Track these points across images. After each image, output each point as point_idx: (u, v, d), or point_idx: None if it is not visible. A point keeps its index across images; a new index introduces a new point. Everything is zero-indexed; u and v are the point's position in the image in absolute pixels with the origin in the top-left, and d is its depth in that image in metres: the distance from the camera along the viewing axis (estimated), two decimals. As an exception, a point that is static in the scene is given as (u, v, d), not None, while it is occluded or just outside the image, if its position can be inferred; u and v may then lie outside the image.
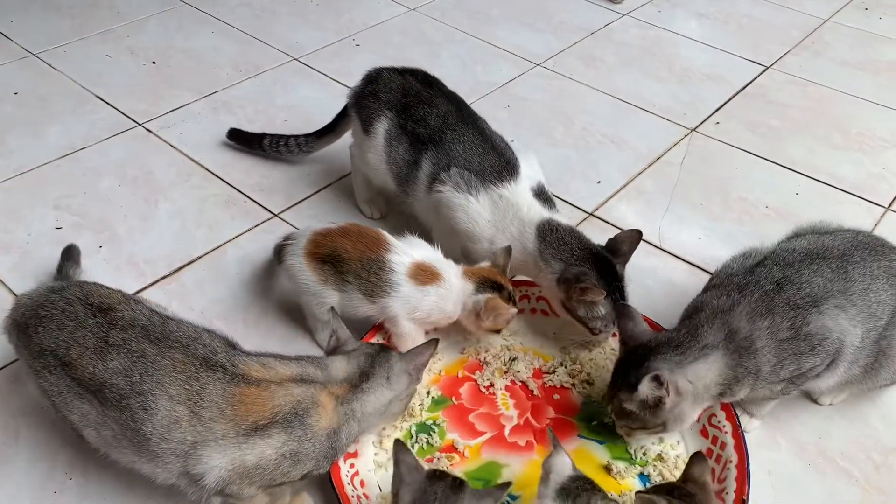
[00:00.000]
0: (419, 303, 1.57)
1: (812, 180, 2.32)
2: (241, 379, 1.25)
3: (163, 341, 1.28)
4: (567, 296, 1.63)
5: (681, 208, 2.19)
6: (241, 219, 2.05)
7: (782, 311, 1.42)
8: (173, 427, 1.22)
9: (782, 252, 1.54)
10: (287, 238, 1.67)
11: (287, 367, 1.31)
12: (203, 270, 1.89)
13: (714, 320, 1.43)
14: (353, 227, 1.62)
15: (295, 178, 2.20)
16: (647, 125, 2.53)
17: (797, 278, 1.46)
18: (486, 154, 1.77)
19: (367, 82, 1.95)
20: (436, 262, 1.61)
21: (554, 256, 1.65)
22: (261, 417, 1.23)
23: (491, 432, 1.56)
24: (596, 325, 1.64)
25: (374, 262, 1.57)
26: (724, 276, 1.54)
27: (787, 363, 1.42)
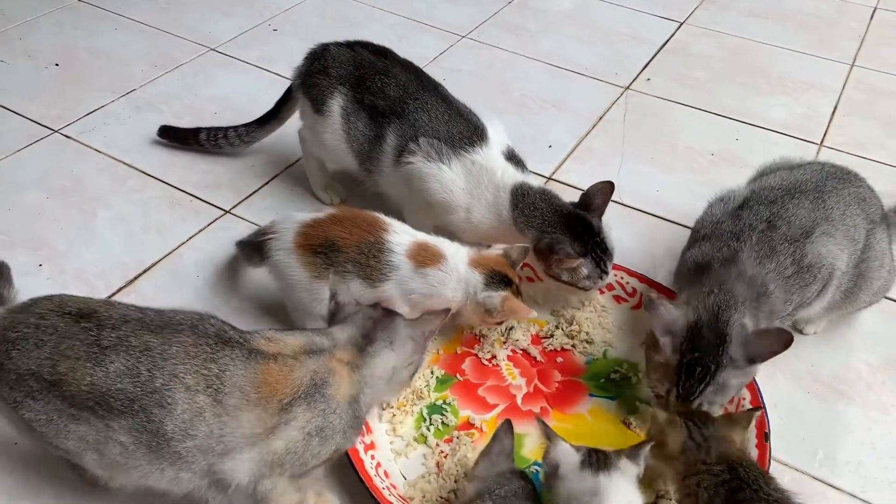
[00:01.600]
0: (416, 285, 1.49)
1: (747, 125, 2.40)
2: (258, 355, 1.15)
3: (166, 328, 1.15)
4: (547, 265, 1.61)
5: (633, 164, 2.21)
6: (192, 219, 1.91)
7: (782, 249, 1.45)
8: (196, 420, 1.10)
9: (761, 191, 1.56)
10: (265, 232, 1.55)
11: (294, 337, 1.21)
12: (161, 277, 1.75)
13: (730, 272, 1.42)
14: (345, 213, 1.53)
15: (239, 171, 2.07)
16: (582, 87, 2.54)
17: (784, 213, 1.49)
18: (453, 121, 1.71)
19: (312, 59, 1.85)
20: (439, 244, 1.54)
21: (527, 224, 1.62)
22: (284, 395, 1.13)
23: (503, 404, 1.52)
24: (585, 285, 1.62)
25: (373, 245, 1.48)
26: (710, 224, 1.55)
27: (794, 297, 1.45)
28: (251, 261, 1.61)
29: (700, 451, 1.19)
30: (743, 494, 1.12)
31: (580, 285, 1.61)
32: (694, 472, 1.18)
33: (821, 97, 2.55)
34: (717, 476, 1.15)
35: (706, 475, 1.16)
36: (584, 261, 1.58)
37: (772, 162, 1.77)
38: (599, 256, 1.60)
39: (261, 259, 1.56)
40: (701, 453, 1.19)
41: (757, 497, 1.11)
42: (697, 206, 2.03)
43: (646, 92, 2.53)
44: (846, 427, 1.53)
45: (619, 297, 1.72)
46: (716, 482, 1.14)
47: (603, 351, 1.63)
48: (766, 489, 1.12)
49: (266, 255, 1.54)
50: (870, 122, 2.43)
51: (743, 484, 1.13)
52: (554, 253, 1.56)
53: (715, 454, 1.18)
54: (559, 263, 1.57)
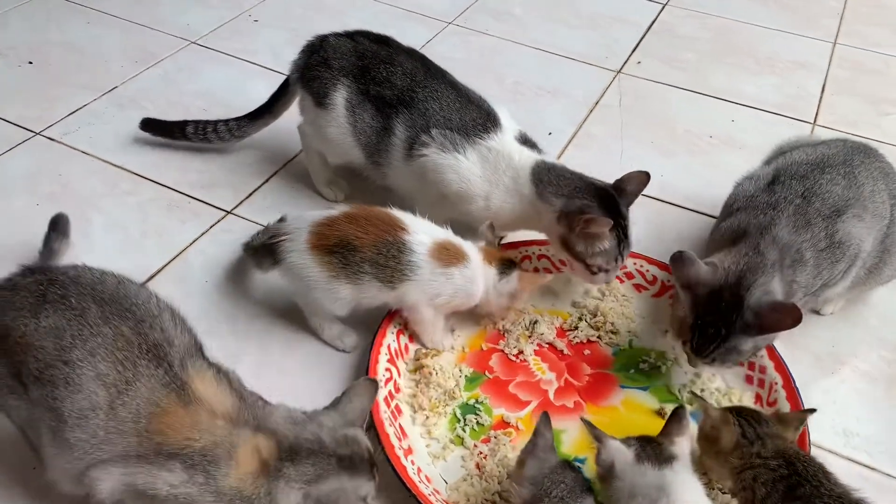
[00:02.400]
0: (442, 286, 1.45)
1: (741, 106, 2.40)
2: (178, 389, 1.08)
3: (111, 305, 1.11)
4: (569, 229, 1.54)
5: (634, 148, 2.20)
6: (192, 221, 1.83)
7: (817, 222, 1.45)
8: (90, 414, 1.04)
9: (791, 166, 1.56)
10: (276, 234, 1.49)
11: (232, 397, 1.12)
12: (168, 284, 1.67)
13: (765, 237, 1.42)
14: (360, 211, 1.47)
15: (235, 169, 1.99)
16: (574, 72, 2.51)
17: (818, 189, 1.49)
18: (465, 108, 1.67)
19: (311, 52, 1.78)
20: (458, 242, 1.50)
21: (555, 193, 1.57)
22: (169, 445, 1.05)
23: (536, 400, 1.49)
24: (595, 262, 1.56)
25: (392, 246, 1.43)
26: (743, 198, 1.54)
27: (824, 273, 1.45)
28: (262, 265, 1.55)
29: (754, 446, 1.18)
30: (802, 490, 1.11)
31: (591, 262, 1.55)
32: (749, 466, 1.16)
33: (808, 76, 2.56)
34: (774, 471, 1.13)
35: (762, 469, 1.14)
36: (609, 235, 1.54)
37: (786, 141, 1.77)
38: (621, 238, 1.57)
39: (273, 262, 1.50)
40: (755, 447, 1.17)
41: (818, 493, 1.09)
42: (703, 189, 2.06)
43: (638, 75, 2.51)
44: (874, 406, 1.54)
45: (639, 285, 1.71)
46: (773, 477, 1.12)
47: (629, 341, 1.61)
48: (826, 484, 1.11)
49: (279, 257, 1.48)
50: (858, 99, 2.45)
51: (802, 480, 1.11)
52: (582, 213, 1.51)
53: (772, 449, 1.17)
54: (586, 225, 1.50)
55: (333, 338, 1.56)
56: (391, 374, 1.47)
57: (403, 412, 1.44)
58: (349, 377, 1.52)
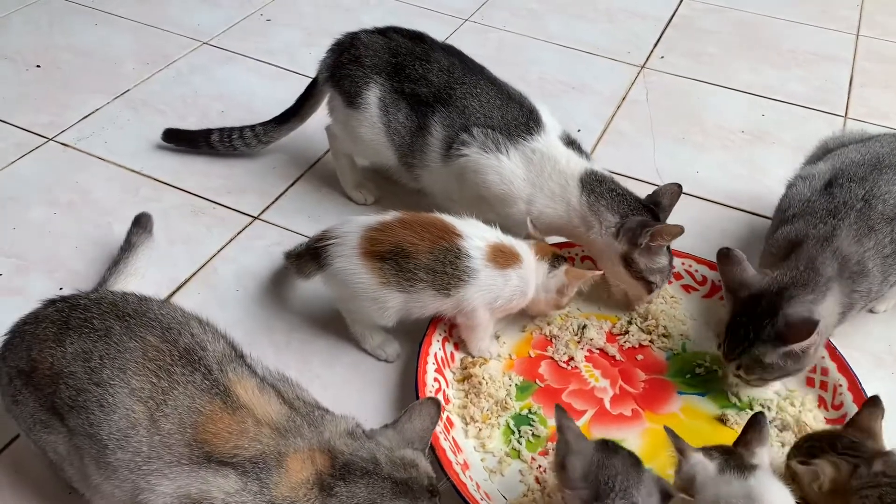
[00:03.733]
0: (501, 290, 1.39)
1: (771, 100, 2.34)
2: (222, 394, 1.02)
3: (134, 318, 1.06)
4: (633, 246, 1.50)
5: (667, 144, 2.14)
6: (219, 228, 1.75)
7: (881, 227, 1.39)
8: (130, 432, 0.99)
9: (848, 167, 1.50)
10: (322, 238, 1.42)
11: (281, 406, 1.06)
12: (198, 294, 1.60)
13: (824, 250, 1.36)
14: (412, 217, 1.41)
15: (260, 173, 1.92)
16: (598, 67, 2.45)
17: (878, 191, 1.43)
18: (506, 106, 1.60)
19: (341, 50, 1.71)
20: (511, 242, 1.44)
21: (608, 209, 1.52)
22: (219, 453, 0.99)
23: (592, 409, 1.43)
24: (655, 280, 1.53)
25: (449, 252, 1.36)
26: (799, 203, 1.48)
27: (891, 277, 1.40)
28: (304, 271, 1.47)
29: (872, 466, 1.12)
30: None
31: (650, 278, 1.52)
32: (873, 485, 1.10)
33: (834, 69, 2.51)
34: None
35: (889, 489, 1.08)
36: (665, 250, 1.50)
37: (830, 137, 1.72)
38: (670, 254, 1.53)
39: (318, 267, 1.43)
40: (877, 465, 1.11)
41: None
42: (742, 186, 2.01)
43: (663, 70, 2.45)
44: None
45: (688, 286, 1.65)
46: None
47: (682, 344, 1.55)
48: None
49: (324, 262, 1.41)
50: (888, 91, 2.40)
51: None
52: (647, 226, 1.46)
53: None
54: (654, 238, 1.46)
55: (375, 347, 1.49)
56: (439, 384, 1.40)
57: (455, 424, 1.37)
58: (393, 388, 1.45)
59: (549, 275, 1.44)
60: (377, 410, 1.40)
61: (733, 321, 1.36)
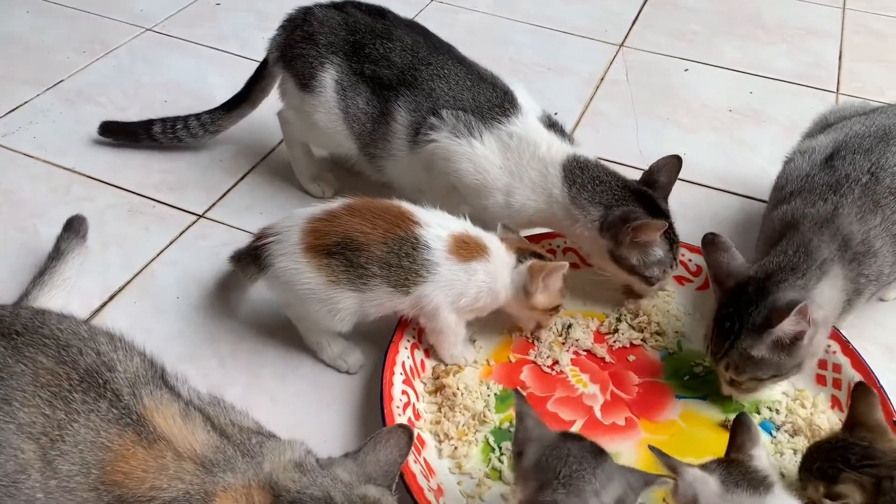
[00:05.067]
0: (465, 286, 1.22)
1: (758, 77, 2.20)
2: (135, 424, 0.85)
3: (24, 336, 0.87)
4: (616, 242, 1.34)
5: (650, 125, 1.99)
6: (159, 228, 1.57)
7: (888, 202, 1.25)
8: (20, 477, 0.81)
9: (852, 139, 1.36)
10: (263, 235, 1.25)
11: (209, 435, 0.88)
12: (134, 303, 1.42)
13: (821, 231, 1.22)
14: (362, 203, 1.23)
15: (206, 166, 1.74)
16: (575, 47, 2.30)
17: (886, 163, 1.29)
18: (477, 87, 1.44)
19: (293, 26, 1.54)
20: (477, 233, 1.27)
21: (591, 201, 1.36)
22: (133, 496, 0.82)
23: (580, 419, 1.27)
24: (653, 274, 1.37)
25: (405, 242, 1.20)
26: (797, 179, 1.34)
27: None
28: (247, 275, 1.30)
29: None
30: None
31: (647, 273, 1.37)
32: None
33: (822, 43, 2.37)
34: None
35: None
36: (661, 241, 1.34)
37: (831, 110, 1.58)
38: (672, 239, 1.37)
39: (258, 270, 1.25)
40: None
41: None
42: (734, 168, 1.86)
43: (642, 48, 2.30)
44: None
45: (681, 277, 1.49)
46: None
47: (677, 342, 1.40)
48: None
49: (265, 263, 1.23)
50: (880, 65, 2.27)
51: None
52: (629, 221, 1.31)
53: None
54: (636, 233, 1.31)
55: (334, 357, 1.32)
56: (408, 397, 1.24)
57: (427, 443, 1.20)
58: (356, 404, 1.28)
59: (514, 271, 1.27)
60: (337, 431, 1.23)
61: (719, 314, 1.21)
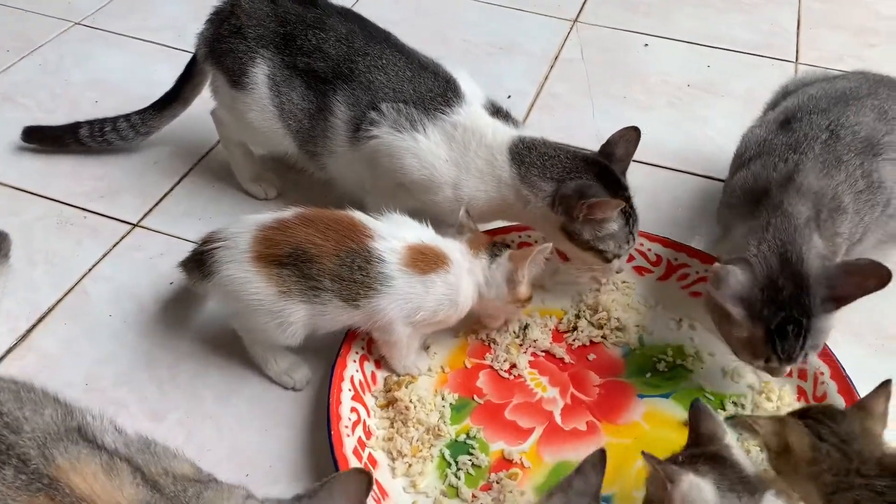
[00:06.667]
0: (422, 299, 1.16)
1: (716, 49, 2.14)
2: (47, 488, 0.75)
3: None
4: (570, 218, 1.28)
5: (607, 104, 1.92)
6: (91, 240, 1.48)
7: (850, 159, 1.22)
8: None
9: (808, 101, 1.33)
10: (210, 240, 1.17)
11: (138, 489, 0.78)
12: (64, 325, 1.33)
13: (788, 191, 1.17)
14: (316, 214, 1.17)
15: (140, 170, 1.64)
16: (527, 24, 2.21)
17: (846, 121, 1.25)
18: (418, 77, 1.36)
19: (220, 20, 1.44)
20: (436, 242, 1.21)
21: (541, 176, 1.30)
22: None
23: (540, 425, 1.21)
24: (608, 248, 1.31)
25: (357, 255, 1.13)
26: (756, 144, 1.30)
27: (865, 218, 1.23)
28: (191, 280, 1.23)
29: (844, 456, 0.92)
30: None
31: (601, 247, 1.30)
32: (846, 487, 0.90)
33: (779, 11, 2.31)
34: (882, 495, 0.87)
35: (864, 491, 0.88)
36: (617, 215, 1.28)
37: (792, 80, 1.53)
38: (629, 213, 1.31)
39: (203, 276, 1.18)
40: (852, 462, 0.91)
41: None
42: (694, 146, 1.80)
43: (597, 23, 2.22)
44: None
45: (641, 268, 1.44)
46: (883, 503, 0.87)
47: (638, 338, 1.34)
48: None
49: (210, 270, 1.16)
50: (839, 32, 2.21)
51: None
52: (584, 197, 1.25)
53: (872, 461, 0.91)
54: (590, 211, 1.25)
55: (280, 373, 1.25)
56: (358, 414, 1.17)
57: (379, 462, 1.14)
58: (304, 424, 1.21)
59: (491, 269, 1.21)
60: (284, 454, 1.16)
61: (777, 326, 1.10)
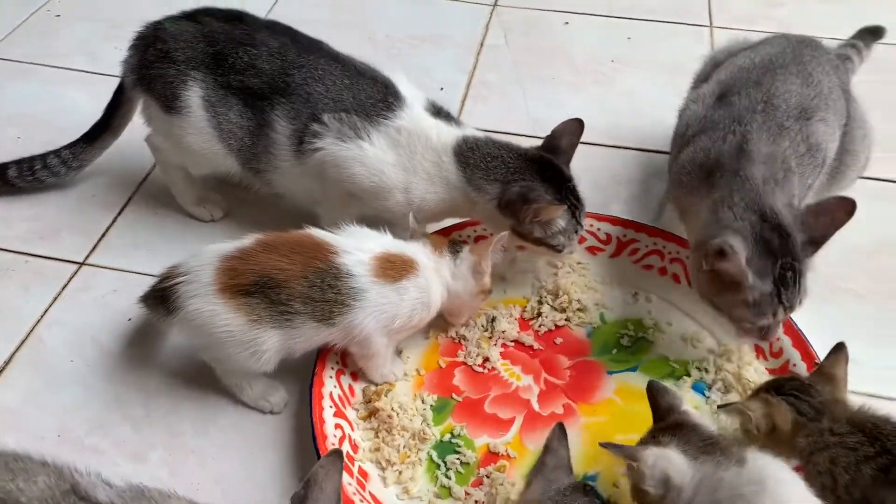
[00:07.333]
0: (398, 307, 1.17)
1: (633, 21, 2.20)
2: None
3: None
4: (517, 220, 1.31)
5: (537, 89, 1.96)
6: (37, 285, 1.43)
7: (790, 125, 1.28)
8: None
9: (738, 75, 1.38)
10: (171, 275, 1.15)
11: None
12: (24, 377, 1.29)
13: (741, 160, 1.22)
14: (276, 238, 1.16)
15: (77, 206, 1.59)
16: (447, 13, 2.23)
17: (776, 91, 1.31)
18: (356, 84, 1.36)
19: (145, 45, 1.41)
20: (401, 248, 1.22)
21: (486, 178, 1.32)
22: None
23: (519, 414, 1.25)
24: (559, 242, 1.35)
25: (326, 274, 1.13)
26: (697, 121, 1.34)
27: (809, 180, 1.30)
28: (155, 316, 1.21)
29: (819, 423, 0.98)
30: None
31: (553, 243, 1.34)
32: (822, 447, 0.96)
33: (688, -23, 2.39)
34: (854, 450, 0.93)
35: (840, 449, 0.94)
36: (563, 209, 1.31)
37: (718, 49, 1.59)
38: (574, 205, 1.34)
39: (167, 313, 1.16)
40: (824, 422, 0.98)
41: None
42: (624, 122, 1.85)
43: (516, 6, 2.25)
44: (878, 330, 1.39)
45: (593, 248, 1.48)
46: (856, 459, 0.93)
47: (599, 315, 1.39)
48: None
49: (175, 306, 1.14)
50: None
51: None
52: (528, 202, 1.28)
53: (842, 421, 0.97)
54: (535, 215, 1.29)
55: (256, 398, 1.24)
56: (342, 430, 1.18)
57: (370, 474, 1.15)
58: (288, 447, 1.21)
59: (456, 264, 1.24)
60: (273, 480, 1.16)
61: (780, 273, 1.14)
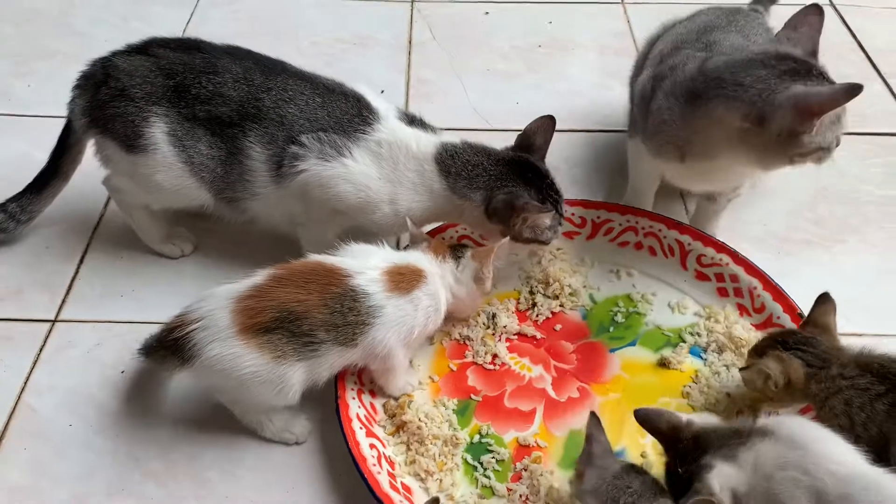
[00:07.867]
0: (414, 318, 1.18)
1: (550, 4, 2.26)
2: None
3: None
4: (507, 226, 1.34)
5: (474, 80, 1.99)
6: (10, 352, 1.34)
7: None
8: None
9: (679, 38, 1.46)
10: (182, 324, 1.11)
11: None
12: (24, 450, 1.21)
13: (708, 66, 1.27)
14: (287, 270, 1.15)
15: (34, 261, 1.50)
16: (368, 14, 2.21)
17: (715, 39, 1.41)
18: (328, 101, 1.35)
19: (95, 85, 1.35)
20: (406, 259, 1.23)
21: (470, 187, 1.34)
22: None
23: (539, 404, 1.29)
24: (548, 237, 1.39)
25: (345, 298, 1.13)
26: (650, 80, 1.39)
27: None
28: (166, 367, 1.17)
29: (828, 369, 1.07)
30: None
31: (542, 238, 1.38)
32: (835, 391, 1.04)
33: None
34: (866, 390, 1.02)
35: (852, 391, 1.03)
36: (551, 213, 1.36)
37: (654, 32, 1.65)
38: (556, 200, 1.39)
39: (183, 362, 1.12)
40: (833, 368, 1.06)
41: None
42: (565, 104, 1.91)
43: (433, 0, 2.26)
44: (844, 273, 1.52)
45: (569, 233, 1.53)
46: (869, 398, 1.02)
47: (589, 296, 1.45)
48: None
49: (192, 354, 1.10)
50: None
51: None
52: (517, 210, 1.31)
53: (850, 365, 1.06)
54: (524, 221, 1.32)
55: (280, 432, 1.22)
56: (377, 449, 1.18)
57: (413, 489, 1.16)
58: (321, 474, 1.20)
59: (458, 270, 1.27)
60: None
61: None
